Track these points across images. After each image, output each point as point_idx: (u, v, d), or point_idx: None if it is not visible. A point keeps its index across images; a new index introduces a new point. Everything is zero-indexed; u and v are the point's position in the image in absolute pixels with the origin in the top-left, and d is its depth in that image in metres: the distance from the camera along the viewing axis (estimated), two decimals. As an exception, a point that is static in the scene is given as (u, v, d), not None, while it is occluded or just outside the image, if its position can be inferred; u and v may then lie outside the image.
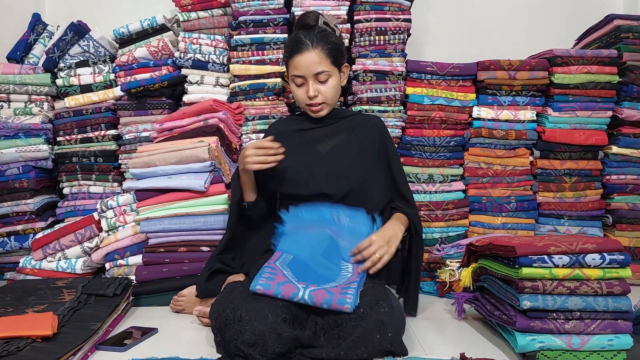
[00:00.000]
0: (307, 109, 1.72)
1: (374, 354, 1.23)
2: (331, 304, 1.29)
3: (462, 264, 1.72)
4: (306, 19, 1.68)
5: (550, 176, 2.27)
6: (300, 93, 1.68)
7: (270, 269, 1.41)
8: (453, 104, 2.23)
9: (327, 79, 1.65)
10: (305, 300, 1.31)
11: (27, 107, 2.32)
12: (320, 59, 1.62)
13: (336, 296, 1.31)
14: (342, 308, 1.28)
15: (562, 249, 1.33)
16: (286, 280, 1.36)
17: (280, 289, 1.32)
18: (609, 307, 1.30)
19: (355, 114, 1.83)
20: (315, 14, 1.69)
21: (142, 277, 1.88)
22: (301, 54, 1.62)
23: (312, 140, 1.73)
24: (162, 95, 2.29)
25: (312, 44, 1.62)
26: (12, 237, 2.25)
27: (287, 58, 1.69)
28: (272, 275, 1.38)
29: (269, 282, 1.34)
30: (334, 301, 1.30)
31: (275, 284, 1.33)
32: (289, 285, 1.34)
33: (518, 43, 2.57)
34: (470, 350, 1.29)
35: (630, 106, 2.22)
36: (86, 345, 1.37)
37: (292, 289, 1.32)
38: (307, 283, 1.37)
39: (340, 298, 1.30)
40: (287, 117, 1.89)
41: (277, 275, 1.38)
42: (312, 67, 1.62)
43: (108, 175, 2.33)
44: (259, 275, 1.37)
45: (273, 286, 1.33)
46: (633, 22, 2.25)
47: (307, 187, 1.64)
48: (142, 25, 2.32)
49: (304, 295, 1.31)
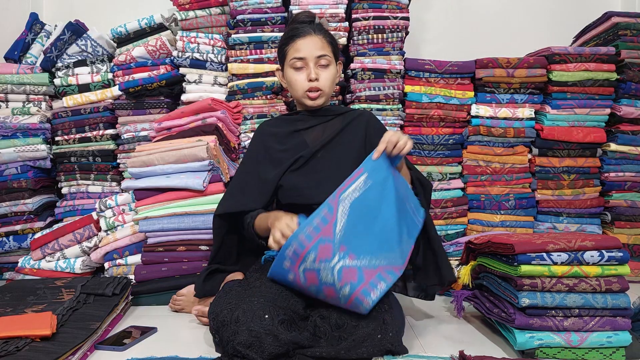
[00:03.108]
0: (304, 98, 1.65)
1: (375, 353, 1.23)
2: (348, 299, 1.23)
3: (461, 261, 1.72)
4: (302, 16, 1.69)
5: (548, 174, 2.28)
6: (300, 78, 1.63)
7: (327, 210, 1.29)
8: (451, 102, 2.23)
9: (328, 66, 1.63)
10: (334, 275, 1.23)
11: (25, 107, 2.32)
12: (322, 44, 1.63)
13: (362, 287, 1.23)
14: (356, 309, 1.24)
15: (561, 246, 1.33)
16: (329, 238, 1.25)
17: (319, 247, 1.24)
18: (608, 304, 1.31)
19: (348, 110, 1.77)
20: (311, 13, 1.70)
21: (141, 276, 1.88)
22: (304, 37, 1.62)
23: (307, 144, 1.67)
24: (160, 94, 2.29)
25: (314, 31, 1.63)
26: (11, 237, 2.25)
27: (286, 44, 1.65)
28: (323, 223, 1.26)
29: (312, 234, 1.24)
30: (355, 294, 1.22)
31: (317, 240, 1.24)
32: (328, 247, 1.24)
33: (516, 41, 2.58)
34: (470, 348, 1.29)
35: (628, 103, 2.22)
36: (85, 344, 1.37)
37: (327, 254, 1.24)
38: (348, 249, 1.26)
39: (363, 290, 1.23)
40: (279, 116, 1.85)
41: (328, 225, 1.26)
42: (314, 50, 1.61)
43: (106, 174, 2.33)
44: (311, 219, 1.26)
45: (314, 240, 1.23)
46: (631, 20, 2.25)
47: (307, 197, 1.57)
48: (140, 25, 2.32)
49: (335, 267, 1.23)
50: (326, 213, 1.29)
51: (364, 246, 1.30)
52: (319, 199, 1.53)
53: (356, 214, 1.31)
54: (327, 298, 1.29)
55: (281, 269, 1.31)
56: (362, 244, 1.30)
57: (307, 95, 1.64)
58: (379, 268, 1.30)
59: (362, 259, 1.29)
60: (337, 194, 1.32)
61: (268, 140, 1.68)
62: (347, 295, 1.24)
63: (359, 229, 1.31)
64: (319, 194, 1.54)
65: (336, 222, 1.28)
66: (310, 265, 1.26)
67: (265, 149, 1.68)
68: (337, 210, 1.30)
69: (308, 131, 1.69)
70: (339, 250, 1.26)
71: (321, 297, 1.30)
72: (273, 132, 1.71)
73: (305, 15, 1.68)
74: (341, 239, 1.28)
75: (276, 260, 1.30)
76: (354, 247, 1.29)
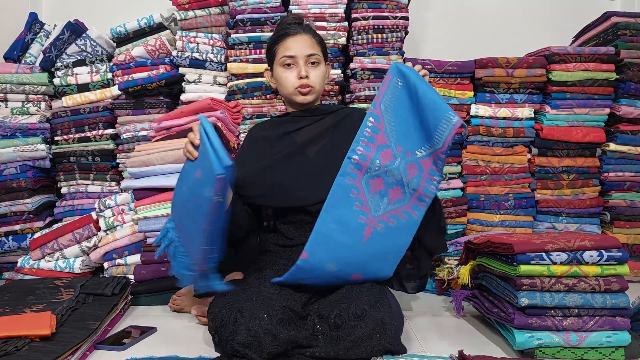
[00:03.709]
0: (295, 95, 1.64)
1: (374, 353, 1.23)
2: (414, 194, 1.39)
3: (461, 261, 1.73)
4: (290, 18, 1.71)
5: (548, 173, 2.28)
6: (290, 76, 1.63)
7: (373, 119, 1.42)
8: (451, 101, 2.23)
9: (318, 64, 1.64)
10: (400, 172, 1.38)
11: (25, 107, 2.32)
12: (312, 43, 1.64)
13: (424, 177, 1.39)
14: (424, 195, 1.39)
15: (560, 246, 1.33)
16: (385, 144, 1.40)
17: (379, 154, 1.38)
18: (607, 304, 1.31)
19: (340, 108, 1.75)
20: (299, 15, 1.74)
21: (140, 276, 1.88)
22: (294, 36, 1.63)
23: (299, 145, 1.64)
24: (159, 94, 2.28)
25: (304, 30, 1.65)
26: (10, 237, 2.24)
27: (275, 43, 1.65)
28: (374, 132, 1.40)
29: (369, 145, 1.39)
30: (420, 186, 1.39)
31: (376, 148, 1.39)
32: (388, 152, 1.39)
33: (515, 40, 2.57)
34: (469, 348, 1.29)
35: (627, 103, 2.22)
36: (85, 344, 1.37)
37: (389, 157, 1.38)
38: (404, 148, 1.40)
39: (426, 180, 1.39)
40: (269, 119, 1.84)
41: (380, 133, 1.40)
42: (304, 48, 1.62)
43: (106, 174, 2.32)
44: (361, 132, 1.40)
45: (373, 150, 1.38)
46: (630, 20, 2.25)
47: (301, 199, 1.56)
48: (139, 24, 2.32)
49: (400, 166, 1.39)
50: (373, 123, 1.42)
51: (413, 140, 1.42)
52: (312, 201, 1.53)
53: (398, 114, 1.43)
54: (391, 203, 1.39)
55: (342, 185, 1.39)
56: (411, 139, 1.42)
57: (298, 92, 1.63)
58: (432, 155, 1.41)
59: (418, 152, 1.42)
60: (377, 102, 1.43)
61: (259, 144, 1.67)
62: (414, 188, 1.40)
63: (405, 127, 1.42)
64: (311, 196, 1.54)
65: (386, 128, 1.41)
66: (376, 172, 1.39)
67: (256, 154, 1.65)
68: (382, 117, 1.42)
69: (299, 132, 1.67)
70: (396, 150, 1.41)
71: (381, 209, 1.40)
72: (264, 136, 1.69)
73: (293, 17, 1.71)
74: (396, 141, 1.41)
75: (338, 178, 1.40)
76: (407, 145, 1.42)
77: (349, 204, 1.39)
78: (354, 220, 1.38)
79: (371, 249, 1.39)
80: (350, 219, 1.38)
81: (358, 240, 1.38)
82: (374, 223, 1.38)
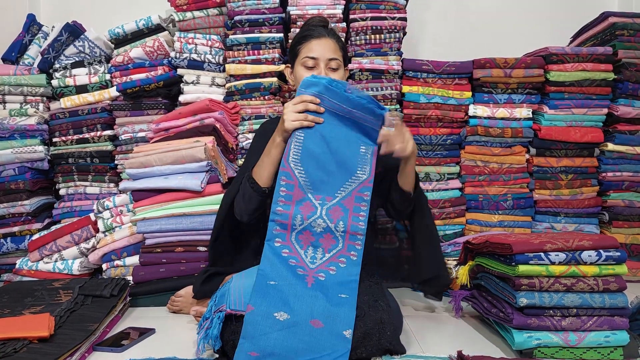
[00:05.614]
0: None
1: (373, 352, 1.23)
2: (345, 235, 1.38)
3: (459, 261, 1.73)
4: (316, 20, 1.75)
5: (546, 174, 2.28)
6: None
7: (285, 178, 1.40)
8: (449, 102, 2.24)
9: (338, 69, 1.67)
10: (324, 220, 1.38)
11: (23, 108, 2.31)
12: (335, 48, 1.66)
13: (350, 216, 1.38)
14: (355, 233, 1.38)
15: (559, 246, 1.33)
16: (303, 197, 1.39)
17: (300, 209, 1.38)
18: (606, 304, 1.31)
19: None
20: (325, 18, 1.78)
21: (139, 277, 1.87)
22: (319, 39, 1.65)
23: None
24: (158, 95, 2.28)
25: (329, 34, 1.67)
26: (9, 239, 2.24)
27: (299, 43, 1.68)
28: (289, 189, 1.40)
29: (288, 203, 1.39)
30: (348, 226, 1.38)
31: (294, 204, 1.39)
32: (307, 204, 1.39)
33: (514, 41, 2.58)
34: (468, 348, 1.29)
35: (625, 103, 2.22)
36: (83, 346, 1.37)
37: (310, 209, 1.39)
38: (323, 194, 1.40)
39: (353, 218, 1.38)
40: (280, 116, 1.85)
41: (294, 188, 1.40)
42: (327, 52, 1.64)
43: (104, 175, 2.32)
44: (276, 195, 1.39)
45: (292, 207, 1.38)
46: (628, 20, 2.25)
47: None
48: (137, 26, 2.32)
49: (322, 213, 1.39)
50: (286, 181, 1.41)
51: (332, 183, 1.41)
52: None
53: (310, 164, 1.42)
54: (326, 251, 1.38)
55: (272, 248, 1.38)
56: (329, 183, 1.41)
57: None
58: (353, 192, 1.41)
59: (337, 195, 1.41)
60: (284, 160, 1.42)
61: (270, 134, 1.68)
62: (344, 230, 1.38)
63: (319, 174, 1.41)
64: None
65: (300, 183, 1.41)
66: (301, 226, 1.38)
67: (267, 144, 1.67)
68: (293, 172, 1.41)
69: None
70: (315, 200, 1.40)
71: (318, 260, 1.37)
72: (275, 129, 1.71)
73: (319, 20, 1.76)
74: (312, 192, 1.41)
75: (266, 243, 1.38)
76: (325, 190, 1.41)
77: (284, 263, 1.36)
78: (294, 273, 1.35)
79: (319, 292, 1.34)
80: (289, 275, 1.35)
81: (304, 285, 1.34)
82: (314, 274, 1.36)
